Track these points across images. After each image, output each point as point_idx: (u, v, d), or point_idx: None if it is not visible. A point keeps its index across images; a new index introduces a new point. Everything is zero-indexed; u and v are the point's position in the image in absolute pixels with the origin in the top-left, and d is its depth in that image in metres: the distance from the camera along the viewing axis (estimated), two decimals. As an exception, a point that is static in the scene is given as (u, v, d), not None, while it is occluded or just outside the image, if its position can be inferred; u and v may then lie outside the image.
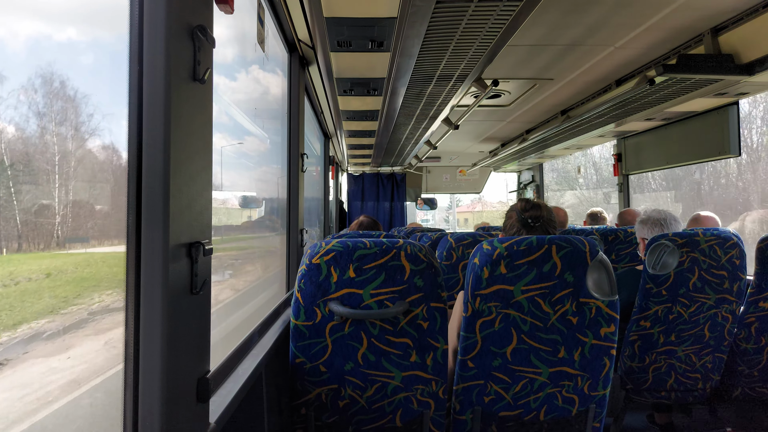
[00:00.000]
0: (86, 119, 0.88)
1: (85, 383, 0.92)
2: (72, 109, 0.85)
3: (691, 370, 2.28)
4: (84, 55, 0.91)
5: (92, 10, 0.93)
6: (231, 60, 1.81)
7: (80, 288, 0.92)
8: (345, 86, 2.91)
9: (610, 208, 6.87)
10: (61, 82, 0.81)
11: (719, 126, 3.45)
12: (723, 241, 2.16)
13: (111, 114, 0.89)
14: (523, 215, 1.93)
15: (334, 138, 4.85)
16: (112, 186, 0.97)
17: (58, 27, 0.83)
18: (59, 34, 0.83)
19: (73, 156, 0.87)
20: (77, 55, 0.89)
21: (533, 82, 3.38)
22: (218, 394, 1.17)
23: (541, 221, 1.92)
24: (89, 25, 0.91)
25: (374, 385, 1.62)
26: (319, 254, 1.56)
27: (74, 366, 0.89)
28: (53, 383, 0.84)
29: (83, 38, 0.89)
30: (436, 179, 8.02)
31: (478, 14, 1.89)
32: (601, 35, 2.50)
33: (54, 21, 0.82)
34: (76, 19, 0.87)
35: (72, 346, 0.89)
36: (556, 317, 1.61)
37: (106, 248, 0.94)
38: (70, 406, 0.87)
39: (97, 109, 0.89)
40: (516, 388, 1.66)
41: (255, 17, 1.85)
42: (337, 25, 2.04)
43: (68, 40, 0.86)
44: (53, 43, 0.82)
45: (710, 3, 2.14)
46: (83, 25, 0.89)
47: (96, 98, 0.89)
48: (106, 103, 0.90)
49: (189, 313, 0.92)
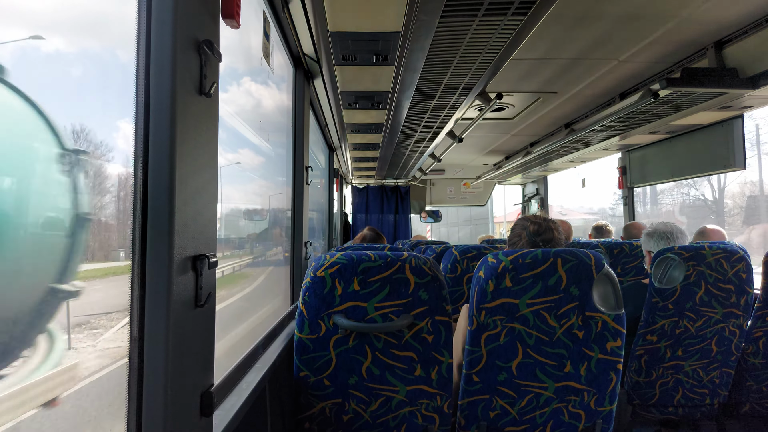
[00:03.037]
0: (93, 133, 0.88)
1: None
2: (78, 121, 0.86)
3: (699, 385, 2.25)
4: (91, 68, 0.92)
5: (100, 24, 0.94)
6: (236, 74, 1.82)
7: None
8: (350, 99, 2.93)
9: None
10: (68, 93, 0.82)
11: (724, 139, 3.45)
12: (729, 254, 2.14)
13: (118, 127, 0.89)
14: (535, 239, 1.87)
15: (339, 151, 4.87)
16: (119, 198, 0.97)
17: (66, 40, 0.84)
18: (66, 47, 0.84)
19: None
20: (84, 68, 0.90)
21: (537, 96, 3.39)
22: (222, 408, 1.16)
23: (546, 237, 1.88)
24: (97, 40, 0.92)
25: (378, 399, 1.61)
26: (324, 267, 1.56)
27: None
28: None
29: (90, 52, 0.90)
30: (440, 192, 8.03)
31: (482, 28, 1.90)
32: (605, 49, 2.51)
33: (61, 34, 0.83)
34: (83, 32, 0.88)
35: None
36: (562, 331, 1.59)
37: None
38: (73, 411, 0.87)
39: (103, 122, 0.90)
40: (522, 403, 1.64)
41: (261, 32, 1.86)
42: (342, 39, 2.06)
43: (75, 53, 0.86)
44: (61, 56, 0.83)
45: (714, 17, 2.15)
46: (91, 39, 0.90)
47: (103, 111, 0.90)
48: (113, 116, 0.90)
49: (193, 326, 0.92)
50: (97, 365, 0.93)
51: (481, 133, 4.65)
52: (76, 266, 0.85)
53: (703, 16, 2.12)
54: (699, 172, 3.79)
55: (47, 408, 0.80)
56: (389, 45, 2.11)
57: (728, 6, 2.05)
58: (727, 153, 3.42)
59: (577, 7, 2.05)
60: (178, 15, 0.84)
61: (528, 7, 1.75)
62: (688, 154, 3.87)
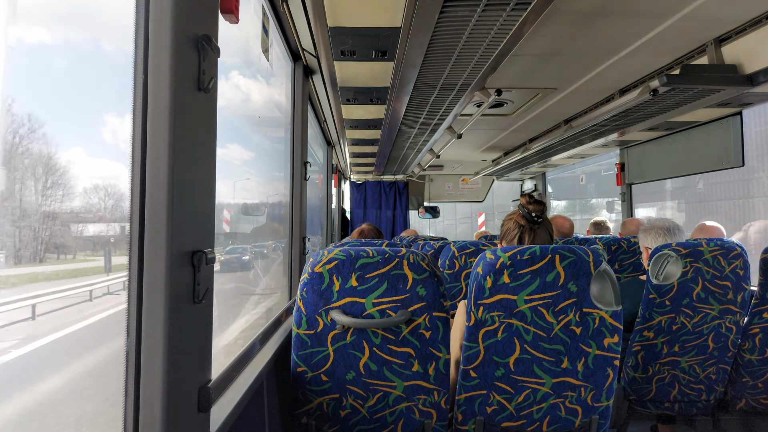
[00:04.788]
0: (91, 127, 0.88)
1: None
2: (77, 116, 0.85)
3: (695, 381, 2.26)
4: (89, 63, 0.91)
5: (98, 19, 0.94)
6: (235, 68, 1.82)
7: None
8: (348, 95, 2.92)
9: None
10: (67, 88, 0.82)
11: (723, 136, 3.45)
12: (727, 251, 2.15)
13: (116, 122, 0.89)
14: (528, 208, 1.88)
15: (337, 146, 4.86)
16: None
17: (65, 34, 0.83)
18: (64, 41, 0.84)
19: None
20: (82, 63, 0.89)
21: (536, 92, 3.38)
22: (219, 403, 1.16)
23: (543, 217, 1.89)
24: (95, 34, 0.91)
25: (376, 394, 1.61)
26: (322, 263, 1.56)
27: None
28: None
29: (88, 46, 0.90)
30: (439, 188, 8.02)
31: (482, 24, 1.90)
32: (604, 45, 2.50)
33: (60, 28, 0.83)
34: (81, 27, 0.88)
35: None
36: (560, 327, 1.60)
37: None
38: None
39: (101, 116, 0.89)
40: (519, 399, 1.65)
41: (260, 27, 1.86)
42: (341, 34, 2.06)
43: (73, 48, 0.86)
44: (57, 50, 0.83)
45: (713, 14, 2.14)
46: (89, 33, 0.89)
47: (101, 106, 0.89)
48: (111, 111, 0.90)
49: (191, 322, 0.92)
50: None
51: (480, 129, 4.64)
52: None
53: (702, 12, 2.12)
54: (698, 169, 3.80)
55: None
56: (388, 40, 2.10)
57: (728, 3, 2.04)
58: (726, 150, 3.42)
59: (578, 3, 2.04)
60: (177, 10, 0.84)
61: (528, 2, 1.74)
62: (686, 151, 3.87)
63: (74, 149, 0.85)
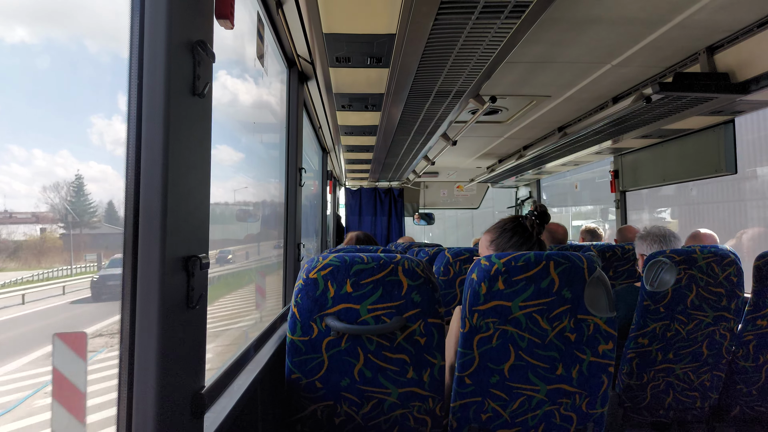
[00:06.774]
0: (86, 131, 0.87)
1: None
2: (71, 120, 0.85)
3: (690, 388, 2.26)
4: (84, 68, 0.91)
5: (93, 24, 0.94)
6: (230, 74, 1.82)
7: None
8: (344, 101, 2.93)
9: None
10: (61, 93, 0.81)
11: (715, 144, 3.47)
12: (720, 258, 2.16)
13: (110, 126, 0.89)
14: (532, 217, 1.89)
15: (333, 153, 4.86)
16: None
17: (58, 38, 0.83)
18: (57, 45, 0.84)
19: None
20: (76, 68, 0.89)
21: (531, 99, 3.40)
22: (213, 410, 1.15)
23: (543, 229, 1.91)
24: (89, 39, 0.91)
25: (370, 401, 1.61)
26: (317, 269, 1.55)
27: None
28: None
29: (82, 51, 0.90)
30: (434, 194, 8.04)
31: (476, 31, 1.91)
32: (598, 53, 2.52)
33: (51, 31, 0.83)
34: (76, 32, 0.87)
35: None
36: (554, 334, 1.60)
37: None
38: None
39: (96, 121, 0.89)
40: (514, 406, 1.65)
41: (255, 33, 1.86)
42: (336, 41, 2.06)
43: (66, 52, 0.86)
44: (52, 55, 0.82)
45: (706, 22, 2.16)
46: (84, 39, 0.89)
47: (95, 111, 0.89)
48: (105, 115, 0.90)
49: (185, 328, 0.92)
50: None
51: (474, 135, 4.66)
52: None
53: (694, 21, 2.14)
54: (691, 176, 3.82)
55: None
56: (383, 47, 2.11)
57: (720, 12, 2.06)
58: (719, 157, 3.45)
59: (572, 11, 2.06)
60: (172, 15, 0.84)
61: (522, 10, 1.76)
62: (680, 159, 3.89)
63: (61, 151, 0.85)
